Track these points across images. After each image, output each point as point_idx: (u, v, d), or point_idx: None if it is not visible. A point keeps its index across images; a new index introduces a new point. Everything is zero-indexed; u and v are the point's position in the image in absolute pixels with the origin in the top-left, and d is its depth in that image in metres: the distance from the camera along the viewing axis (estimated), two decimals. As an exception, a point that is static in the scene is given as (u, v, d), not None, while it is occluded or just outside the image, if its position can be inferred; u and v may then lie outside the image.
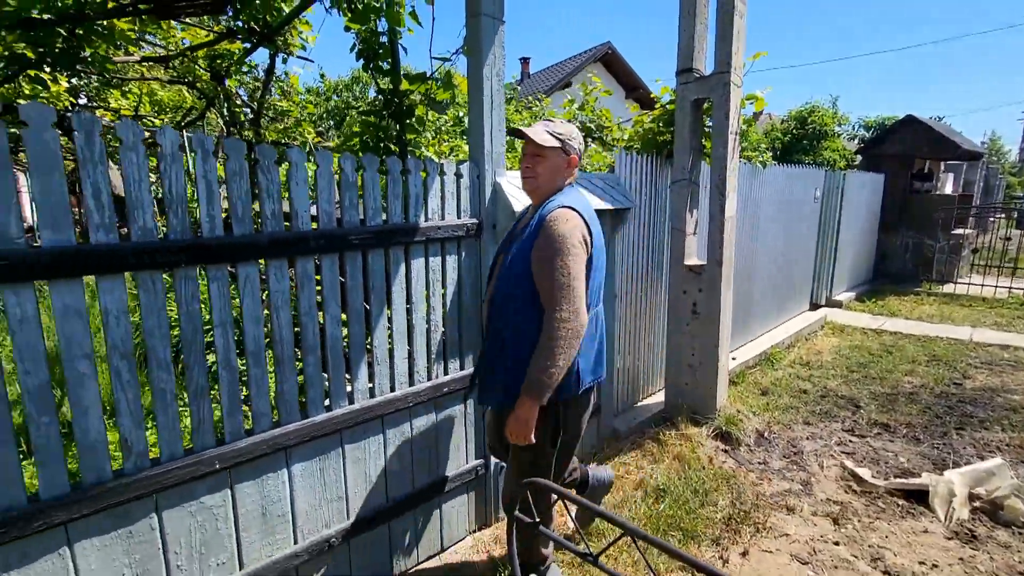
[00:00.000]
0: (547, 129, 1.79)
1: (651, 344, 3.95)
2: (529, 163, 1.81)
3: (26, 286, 1.38)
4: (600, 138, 4.12)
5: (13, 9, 2.41)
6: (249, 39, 3.63)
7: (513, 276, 1.76)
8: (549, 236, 1.68)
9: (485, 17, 2.27)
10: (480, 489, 2.64)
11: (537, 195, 1.85)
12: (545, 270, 1.67)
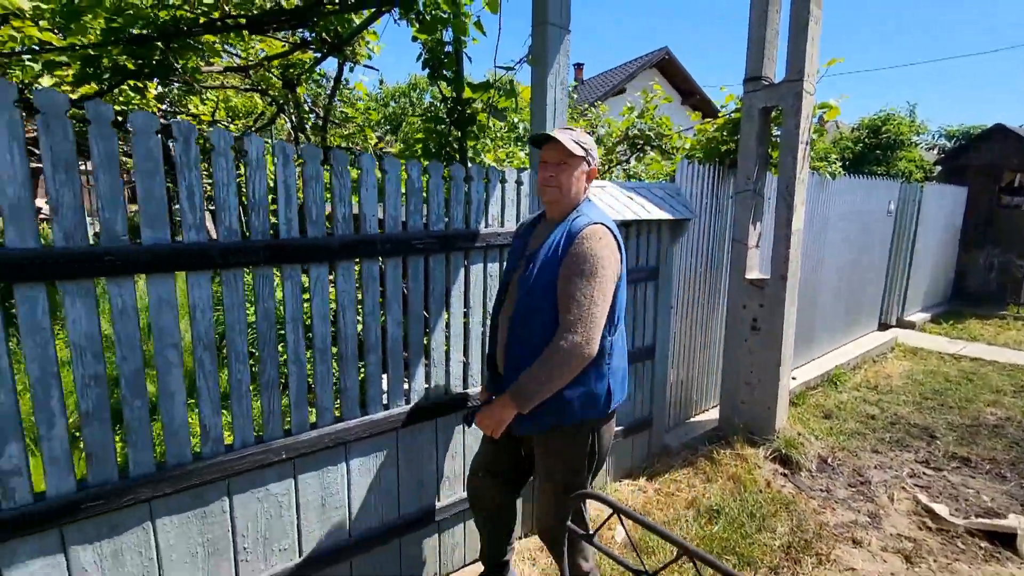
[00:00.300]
0: (572, 137, 1.68)
1: (706, 358, 3.83)
2: (553, 171, 1.68)
3: (127, 279, 1.51)
4: (659, 146, 4.05)
5: (119, 26, 2.65)
6: (320, 49, 3.82)
7: (539, 291, 1.64)
8: (582, 254, 1.58)
9: (551, 26, 2.28)
10: (529, 495, 2.63)
11: (558, 207, 1.72)
12: (569, 287, 1.57)
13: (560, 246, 1.63)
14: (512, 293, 1.77)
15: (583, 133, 1.74)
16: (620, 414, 3.02)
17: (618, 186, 2.82)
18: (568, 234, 1.63)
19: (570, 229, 1.64)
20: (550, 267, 1.63)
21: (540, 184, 1.73)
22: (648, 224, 2.94)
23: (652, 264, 3.02)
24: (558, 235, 1.66)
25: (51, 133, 1.35)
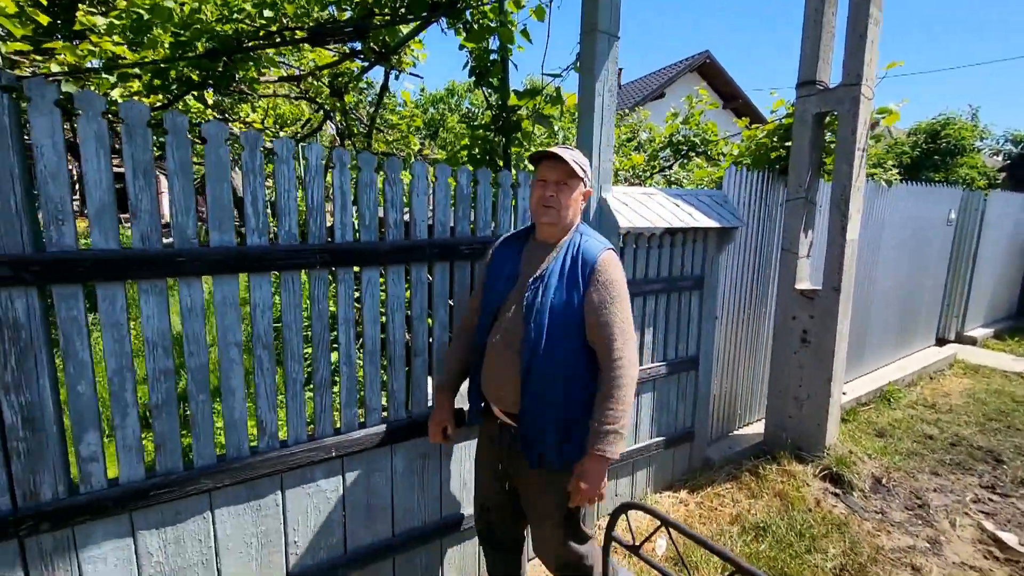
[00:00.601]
0: (572, 156, 1.62)
1: (751, 370, 3.72)
2: (554, 191, 1.61)
3: (196, 280, 1.59)
4: (704, 152, 3.97)
5: (186, 39, 2.80)
6: (369, 58, 3.93)
7: (561, 320, 1.57)
8: (610, 281, 1.58)
9: (600, 33, 2.28)
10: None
11: (556, 230, 1.66)
12: (607, 315, 1.55)
13: (579, 273, 1.58)
14: (509, 319, 1.65)
15: (580, 153, 1.68)
16: (663, 426, 2.97)
17: (665, 193, 2.79)
18: (584, 259, 1.59)
19: (584, 254, 1.60)
20: (570, 294, 1.57)
21: (537, 204, 1.64)
22: (694, 232, 2.89)
23: (697, 273, 2.96)
24: (565, 259, 1.61)
25: (133, 142, 1.44)
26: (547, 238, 1.68)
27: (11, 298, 1.34)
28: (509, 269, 1.71)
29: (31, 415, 1.39)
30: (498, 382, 1.69)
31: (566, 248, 1.63)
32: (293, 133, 7.33)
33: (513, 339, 1.63)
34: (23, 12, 2.73)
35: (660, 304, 2.82)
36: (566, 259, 1.61)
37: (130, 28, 3.11)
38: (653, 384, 2.87)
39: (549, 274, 1.60)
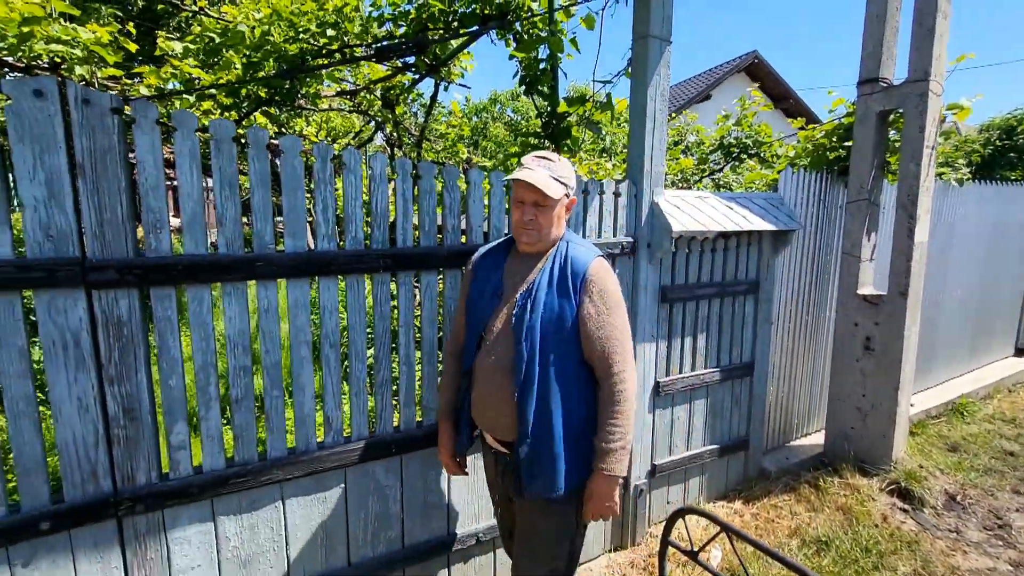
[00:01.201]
0: (551, 174, 1.50)
1: (809, 378, 3.59)
2: (531, 214, 1.51)
3: (272, 282, 1.70)
4: (758, 154, 3.87)
5: (257, 60, 3.00)
6: (420, 71, 4.07)
7: (554, 336, 1.48)
8: (604, 291, 1.49)
9: (652, 39, 2.29)
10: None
11: (538, 247, 1.57)
12: (603, 328, 1.47)
13: (570, 283, 1.49)
14: (497, 339, 1.54)
15: (561, 162, 1.55)
16: (716, 433, 2.91)
17: (718, 196, 2.75)
18: (574, 269, 1.50)
19: (573, 263, 1.51)
20: (562, 307, 1.48)
21: (516, 225, 1.55)
22: (748, 235, 2.83)
23: (752, 277, 2.89)
24: (553, 269, 1.52)
25: (221, 155, 1.57)
26: (529, 251, 1.59)
27: (116, 298, 1.48)
28: (493, 284, 1.59)
29: (130, 406, 1.53)
30: (490, 408, 1.56)
31: (552, 258, 1.54)
32: (345, 144, 7.65)
33: (504, 361, 1.51)
34: (116, 40, 3.00)
35: (713, 309, 2.77)
36: (553, 269, 1.52)
37: (203, 51, 3.36)
38: (706, 390, 2.82)
39: (537, 287, 1.50)
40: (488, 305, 1.58)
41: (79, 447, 1.48)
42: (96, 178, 1.42)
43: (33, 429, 1.43)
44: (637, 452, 2.57)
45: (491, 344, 1.55)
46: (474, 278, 1.66)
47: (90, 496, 1.50)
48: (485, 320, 1.57)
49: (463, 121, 6.96)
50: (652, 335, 2.53)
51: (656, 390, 2.60)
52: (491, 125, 15.72)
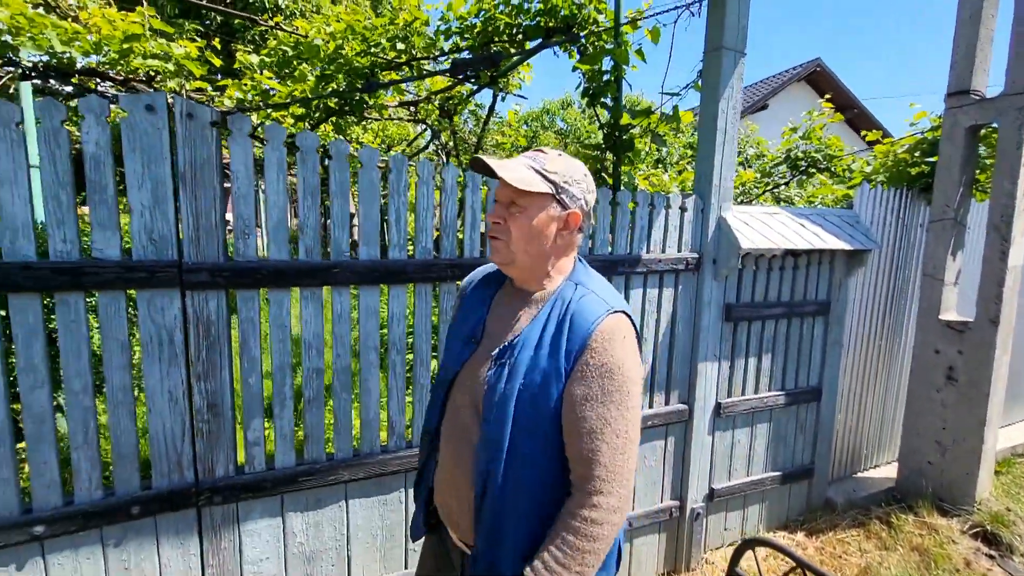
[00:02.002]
0: (532, 165, 1.05)
1: (881, 407, 3.37)
2: (499, 217, 1.07)
3: (346, 288, 1.76)
4: (828, 168, 3.70)
5: (330, 73, 3.13)
6: (481, 82, 4.14)
7: (532, 418, 1.01)
8: (607, 369, 0.99)
9: (726, 51, 2.24)
10: (672, 531, 2.53)
11: (522, 273, 1.11)
12: (589, 420, 0.98)
13: (563, 347, 1.01)
14: (461, 404, 1.12)
15: (562, 157, 1.09)
16: (778, 459, 2.78)
17: (789, 212, 2.64)
18: (572, 327, 1.02)
19: (574, 319, 1.02)
20: (549, 379, 1.00)
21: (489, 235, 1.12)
22: (819, 253, 2.70)
23: (822, 298, 2.76)
24: (548, 322, 1.05)
25: (305, 166, 1.64)
26: (523, 284, 1.13)
27: (207, 299, 1.57)
28: (471, 325, 1.16)
29: (214, 401, 1.61)
30: (451, 497, 1.12)
31: (551, 305, 1.07)
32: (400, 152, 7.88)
33: (464, 436, 1.09)
34: (202, 54, 3.21)
35: (780, 329, 2.66)
36: (549, 322, 1.05)
37: (277, 64, 3.55)
38: (769, 414, 2.70)
39: (521, 344, 1.04)
40: (458, 351, 1.15)
41: (167, 438, 1.57)
42: (195, 186, 1.52)
43: (129, 418, 1.53)
44: (695, 474, 2.49)
45: (459, 407, 1.12)
46: (460, 308, 1.24)
47: (175, 485, 1.59)
48: (450, 371, 1.15)
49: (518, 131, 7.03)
50: (714, 354, 2.45)
51: (717, 411, 2.51)
52: (541, 134, 15.81)
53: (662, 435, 2.43)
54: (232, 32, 8.32)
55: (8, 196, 1.33)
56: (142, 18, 3.00)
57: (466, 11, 3.19)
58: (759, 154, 5.49)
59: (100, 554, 1.53)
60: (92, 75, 3.18)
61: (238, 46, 6.50)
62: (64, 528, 1.46)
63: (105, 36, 2.92)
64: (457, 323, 1.21)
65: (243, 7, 7.99)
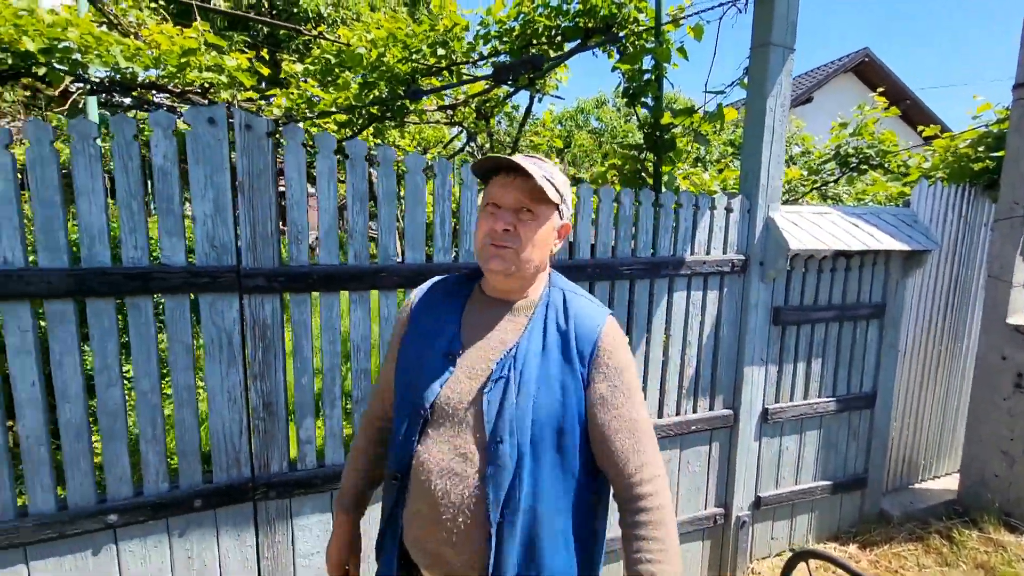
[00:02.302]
0: (544, 174, 0.98)
1: (940, 414, 3.20)
2: (509, 223, 0.98)
3: (392, 292, 1.80)
4: (881, 165, 3.54)
5: (373, 80, 3.21)
6: (520, 84, 4.16)
7: (553, 432, 0.97)
8: (621, 367, 1.01)
9: (774, 47, 2.18)
10: (717, 539, 2.47)
11: (510, 284, 1.04)
12: (623, 419, 0.98)
13: (575, 350, 1.00)
14: (457, 431, 0.98)
15: (556, 168, 1.04)
16: (829, 468, 2.69)
17: (841, 211, 2.54)
18: (579, 331, 1.01)
19: (578, 322, 1.01)
20: (566, 387, 0.98)
21: (483, 243, 1.00)
22: (874, 254, 2.59)
23: (877, 300, 2.64)
24: (547, 328, 1.02)
25: (354, 173, 1.69)
26: (505, 294, 1.06)
27: (263, 303, 1.64)
28: (445, 342, 1.04)
29: (269, 400, 1.68)
30: (442, 543, 0.98)
31: (544, 311, 1.04)
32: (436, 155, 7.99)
33: (468, 467, 0.96)
34: (252, 66, 3.34)
35: (831, 332, 2.56)
36: (547, 328, 1.02)
37: (320, 72, 3.66)
38: (819, 421, 2.61)
39: (525, 354, 0.99)
40: (433, 370, 1.02)
41: (227, 435, 1.65)
42: (252, 195, 1.59)
43: (193, 416, 1.61)
44: (740, 481, 2.42)
45: (445, 437, 0.99)
46: (413, 324, 1.12)
47: (233, 479, 1.66)
48: (427, 393, 1.00)
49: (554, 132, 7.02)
50: (761, 358, 2.38)
51: (764, 417, 2.45)
52: (575, 134, 15.72)
53: (706, 440, 2.38)
54: (277, 42, 8.63)
55: (86, 206, 1.42)
56: (197, 33, 3.15)
57: (505, 15, 3.21)
58: (805, 150, 5.30)
59: (166, 543, 1.62)
60: (151, 88, 3.37)
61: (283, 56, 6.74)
62: (134, 518, 1.55)
63: (164, 51, 3.08)
64: (417, 338, 1.08)
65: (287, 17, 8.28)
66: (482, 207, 1.02)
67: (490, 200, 1.00)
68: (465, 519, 0.95)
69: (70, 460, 1.49)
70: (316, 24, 8.45)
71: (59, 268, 1.41)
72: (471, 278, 1.14)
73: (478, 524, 0.95)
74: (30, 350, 1.42)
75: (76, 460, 1.49)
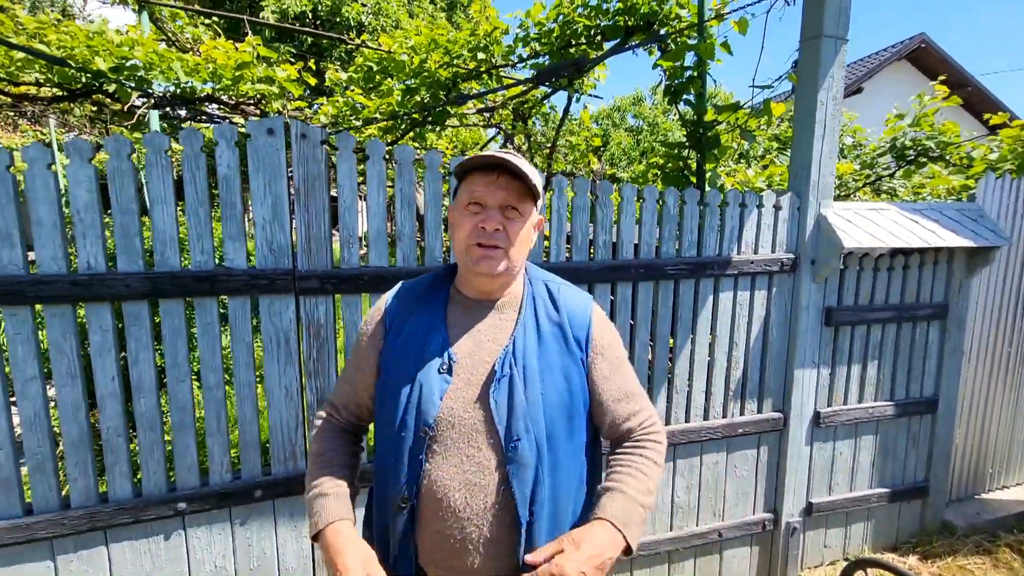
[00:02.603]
0: (527, 169, 0.98)
1: (1010, 421, 3.01)
2: (498, 221, 0.96)
3: (439, 293, 1.85)
4: (942, 157, 3.35)
5: (415, 86, 3.29)
6: (559, 85, 4.16)
7: (564, 424, 1.00)
8: (612, 341, 1.08)
9: (826, 39, 2.10)
10: (766, 545, 2.41)
11: (500, 280, 1.02)
12: (626, 384, 1.08)
13: (571, 337, 1.03)
14: (468, 442, 0.96)
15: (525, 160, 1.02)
16: (886, 475, 2.57)
17: (898, 207, 2.43)
18: (572, 318, 1.04)
19: (569, 310, 1.05)
20: (569, 376, 1.01)
21: (468, 244, 0.98)
22: (935, 252, 2.46)
23: (938, 300, 2.51)
24: (538, 319, 1.03)
25: (402, 177, 1.74)
26: (488, 294, 1.05)
27: (317, 304, 1.71)
28: (435, 351, 1.01)
29: (322, 397, 1.75)
30: (468, 549, 0.96)
31: (532, 304, 1.05)
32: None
33: (485, 474, 0.95)
34: (300, 76, 3.48)
35: (888, 334, 2.45)
36: (540, 321, 1.03)
37: (363, 79, 3.77)
38: (876, 426, 2.50)
39: (523, 350, 0.99)
40: (430, 384, 0.98)
41: (284, 429, 1.73)
42: (307, 200, 1.66)
43: (253, 410, 1.70)
44: (791, 486, 2.35)
45: (453, 448, 0.96)
46: (392, 336, 1.06)
47: (290, 472, 1.74)
48: (429, 408, 0.97)
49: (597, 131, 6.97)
50: (813, 360, 2.30)
51: (816, 420, 2.36)
52: (612, 133, 15.54)
53: (754, 444, 2.32)
54: (321, 52, 8.93)
55: (160, 214, 1.52)
56: (250, 47, 3.31)
57: (544, 16, 3.22)
58: (857, 143, 5.08)
59: (229, 531, 1.71)
60: (208, 101, 3.56)
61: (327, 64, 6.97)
62: (201, 506, 1.65)
63: (220, 65, 3.25)
64: (400, 351, 1.02)
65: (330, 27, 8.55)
66: (461, 206, 0.99)
67: (473, 199, 0.97)
68: (491, 526, 0.95)
69: (145, 450, 1.60)
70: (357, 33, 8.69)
71: (136, 272, 1.52)
72: (443, 281, 1.10)
73: (505, 527, 0.95)
74: (110, 348, 1.53)
75: (150, 450, 1.60)
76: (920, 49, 14.48)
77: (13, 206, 1.42)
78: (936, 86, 3.69)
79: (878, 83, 14.00)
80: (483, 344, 1.01)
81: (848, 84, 14.56)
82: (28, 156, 1.41)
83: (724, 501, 2.31)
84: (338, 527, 0.98)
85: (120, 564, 1.61)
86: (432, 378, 0.98)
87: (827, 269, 2.21)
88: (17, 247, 1.44)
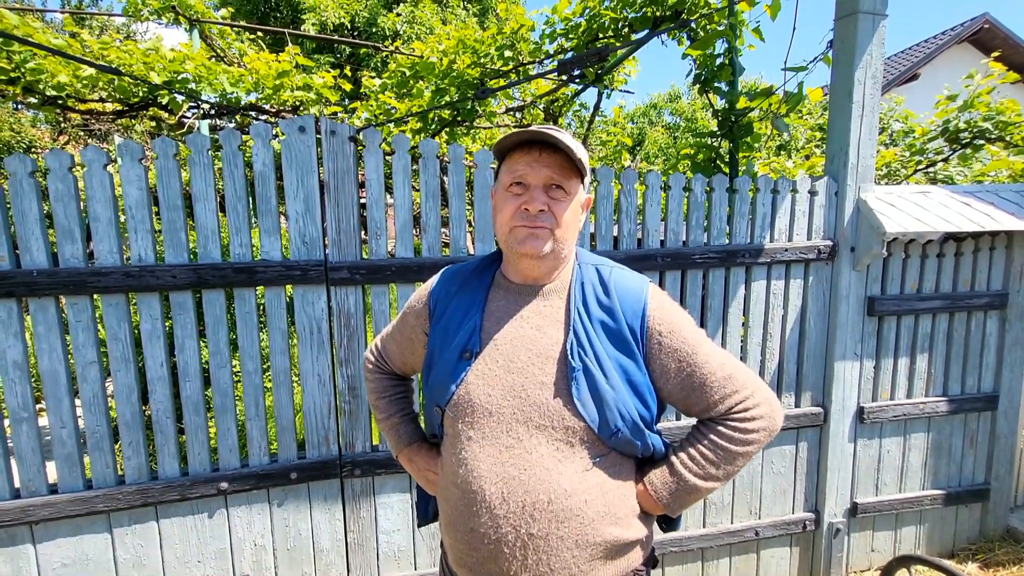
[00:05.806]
0: (571, 142, 0.90)
1: (1082, 422, 2.77)
2: (543, 202, 0.91)
3: (464, 283, 1.88)
4: (1001, 138, 3.13)
5: (444, 87, 3.36)
6: (589, 81, 4.15)
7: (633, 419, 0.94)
8: (680, 322, 0.98)
9: (863, 15, 2.02)
10: (807, 546, 2.31)
11: (547, 263, 0.96)
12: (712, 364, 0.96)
13: (625, 326, 0.94)
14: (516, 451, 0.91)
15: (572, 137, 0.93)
16: (940, 476, 2.42)
17: (948, 190, 2.30)
18: (624, 303, 0.95)
19: (620, 294, 0.96)
20: (626, 365, 0.94)
21: (511, 224, 0.93)
22: (991, 237, 2.31)
23: (996, 288, 2.35)
24: (588, 306, 0.95)
25: (427, 171, 1.79)
26: (534, 279, 0.99)
27: (347, 294, 1.77)
28: (463, 337, 0.98)
29: (353, 384, 1.82)
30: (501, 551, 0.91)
31: (580, 291, 0.97)
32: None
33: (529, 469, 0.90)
34: (336, 83, 3.62)
35: (939, 325, 2.31)
36: (590, 309, 0.96)
37: (396, 84, 3.87)
38: (927, 423, 2.36)
39: (586, 339, 0.93)
40: (453, 370, 0.96)
41: (317, 415, 1.80)
42: (337, 194, 1.73)
43: (288, 396, 1.78)
44: (833, 485, 2.25)
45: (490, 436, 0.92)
46: (435, 318, 1.04)
47: (324, 456, 1.81)
48: (450, 394, 0.95)
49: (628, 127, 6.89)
50: (855, 352, 2.20)
51: (859, 416, 2.26)
52: (648, 131, 15.30)
53: (792, 440, 2.24)
54: (359, 61, 9.23)
55: (202, 210, 1.63)
56: (290, 56, 3.47)
57: (570, 11, 3.22)
58: (907, 129, 4.81)
59: (267, 511, 1.79)
60: (251, 110, 3.75)
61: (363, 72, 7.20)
62: (241, 486, 1.74)
63: (262, 75, 3.42)
64: (445, 337, 1.00)
65: (367, 37, 8.82)
66: (502, 187, 0.94)
67: (515, 179, 0.92)
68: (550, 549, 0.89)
69: (191, 431, 1.70)
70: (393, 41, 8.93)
71: (182, 264, 1.63)
72: (488, 265, 1.05)
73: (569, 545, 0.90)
74: (159, 335, 1.64)
75: (196, 432, 1.70)
76: (983, 30, 13.58)
77: (75, 204, 1.55)
78: (991, 63, 3.45)
79: (937, 68, 13.21)
80: (525, 332, 0.95)
81: (902, 71, 13.81)
82: (86, 158, 1.54)
83: (761, 499, 2.24)
84: (416, 447, 1.13)
85: (169, 539, 1.71)
86: (450, 361, 0.96)
87: (868, 256, 2.11)
88: (79, 242, 1.56)
